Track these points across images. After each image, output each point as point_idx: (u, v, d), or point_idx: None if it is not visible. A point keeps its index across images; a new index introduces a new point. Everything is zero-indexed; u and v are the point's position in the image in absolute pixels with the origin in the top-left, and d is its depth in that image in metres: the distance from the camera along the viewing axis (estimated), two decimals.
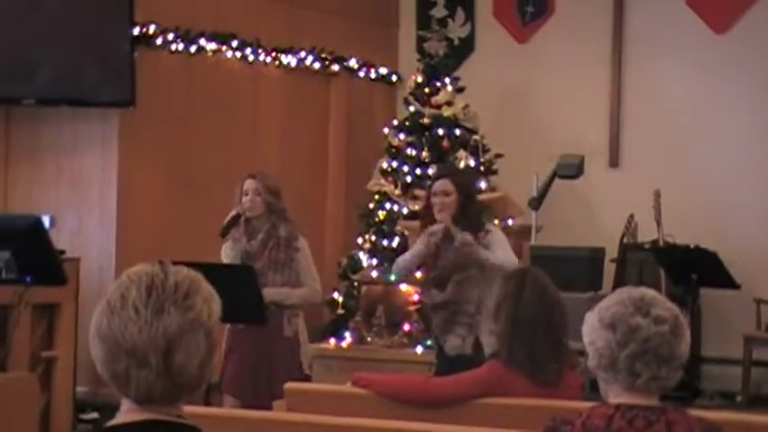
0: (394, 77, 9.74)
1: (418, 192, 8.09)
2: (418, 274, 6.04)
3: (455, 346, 5.05)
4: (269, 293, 5.29)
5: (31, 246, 5.37)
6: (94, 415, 6.79)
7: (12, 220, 6.03)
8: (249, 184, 5.47)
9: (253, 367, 5.32)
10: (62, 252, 6.22)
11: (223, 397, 5.39)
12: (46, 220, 6.77)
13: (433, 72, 8.86)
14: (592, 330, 2.56)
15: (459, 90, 8.86)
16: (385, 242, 8.49)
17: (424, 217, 5.28)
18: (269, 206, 5.45)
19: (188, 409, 2.09)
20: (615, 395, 2.56)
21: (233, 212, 5.43)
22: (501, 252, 5.12)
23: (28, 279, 5.38)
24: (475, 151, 8.39)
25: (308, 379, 5.31)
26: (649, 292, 2.60)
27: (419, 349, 5.75)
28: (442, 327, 5.13)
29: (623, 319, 2.52)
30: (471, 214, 5.20)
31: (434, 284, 5.15)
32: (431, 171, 8.50)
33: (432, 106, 8.72)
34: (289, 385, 4.05)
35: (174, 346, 1.96)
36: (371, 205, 8.70)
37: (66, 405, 6.45)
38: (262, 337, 5.28)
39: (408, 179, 8.54)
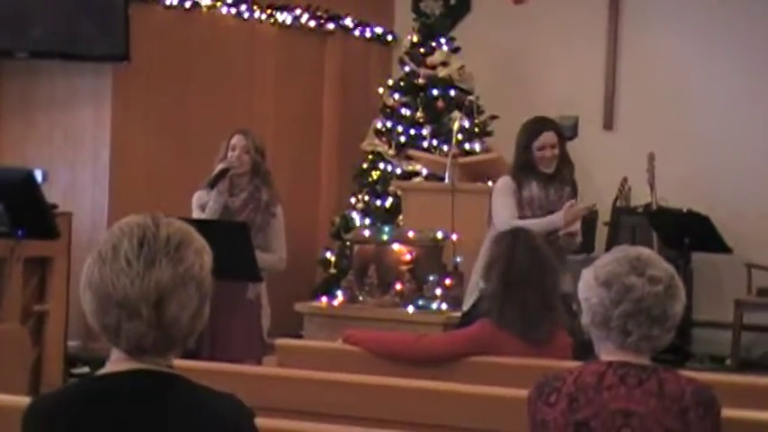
0: (389, 37, 9.69)
1: (412, 152, 8.07)
2: (411, 234, 6.04)
3: None
4: None
5: (23, 199, 5.35)
6: (85, 369, 6.79)
7: (4, 173, 5.99)
8: (238, 140, 5.42)
9: (210, 327, 5.22)
10: (54, 206, 6.19)
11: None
12: (38, 175, 6.75)
13: (429, 32, 8.81)
14: (587, 287, 2.56)
15: (455, 51, 8.81)
16: (378, 202, 8.48)
17: (520, 171, 5.19)
18: (255, 166, 5.41)
19: (179, 363, 2.08)
20: (607, 353, 2.56)
21: (221, 166, 5.39)
22: None
23: (20, 233, 5.36)
24: (470, 112, 8.36)
25: (264, 344, 5.27)
26: (646, 252, 2.60)
27: (411, 309, 5.74)
28: None
29: (618, 278, 2.52)
30: (569, 160, 5.25)
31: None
32: (425, 131, 8.48)
33: (427, 67, 8.68)
34: (280, 341, 4.05)
35: (165, 298, 1.95)
36: (365, 165, 8.68)
37: (57, 359, 6.44)
38: (222, 297, 5.18)
39: (402, 139, 8.52)
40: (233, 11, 8.21)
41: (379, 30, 9.55)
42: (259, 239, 5.32)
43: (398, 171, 8.43)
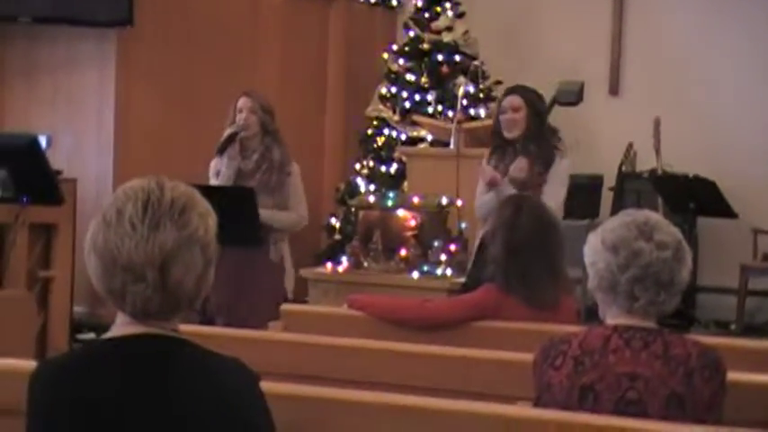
0: (394, 2, 9.63)
1: (417, 117, 8.04)
2: (416, 200, 6.03)
3: None
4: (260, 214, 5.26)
5: (27, 165, 5.35)
6: (91, 335, 6.81)
7: (8, 138, 5.99)
8: (243, 102, 5.41)
9: (235, 289, 5.26)
10: (59, 172, 6.19)
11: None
12: (43, 140, 6.73)
13: None
14: (594, 251, 2.55)
15: (460, 15, 8.77)
16: (383, 168, 8.47)
17: (494, 137, 5.16)
18: (263, 125, 5.40)
19: (184, 328, 2.08)
20: (613, 317, 2.56)
21: (229, 130, 5.38)
22: (549, 188, 4.95)
23: (24, 199, 5.36)
24: (474, 77, 8.32)
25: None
26: (653, 216, 2.58)
27: (415, 274, 5.74)
28: None
29: (626, 243, 2.50)
30: (544, 135, 5.02)
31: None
32: (430, 97, 8.45)
33: (432, 31, 8.64)
34: (285, 306, 4.05)
35: (170, 261, 1.95)
36: (370, 131, 8.65)
37: (62, 325, 6.45)
38: (246, 259, 5.23)
39: (407, 105, 8.49)
40: None
41: None
42: (276, 199, 5.33)
43: (403, 137, 8.40)
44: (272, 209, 5.33)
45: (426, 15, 8.71)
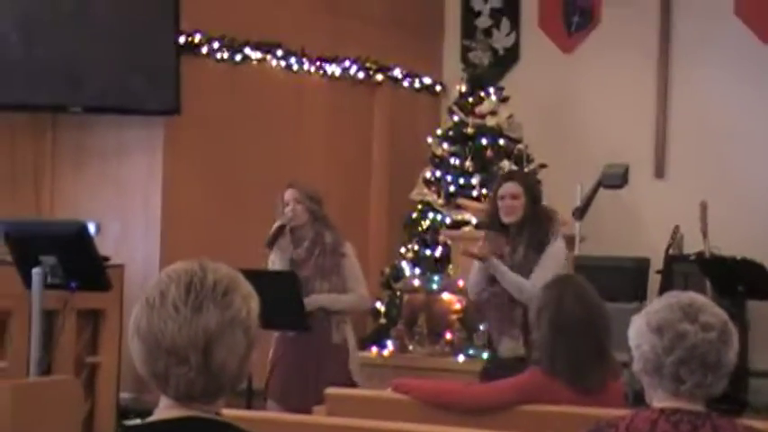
0: (438, 87, 9.73)
1: (461, 201, 8.06)
2: (461, 283, 6.02)
3: (510, 348, 4.95)
4: (316, 299, 5.28)
5: (76, 251, 5.40)
6: (137, 421, 6.79)
7: (58, 225, 6.06)
8: (289, 193, 5.46)
9: (300, 374, 5.28)
10: (107, 258, 6.24)
11: (267, 403, 5.37)
12: (91, 227, 6.81)
13: (478, 82, 8.83)
14: (638, 334, 2.52)
15: (504, 100, 8.83)
16: (428, 252, 8.47)
17: (490, 223, 5.20)
18: (312, 213, 5.44)
19: (229, 412, 2.08)
20: (659, 400, 2.52)
21: (278, 223, 5.43)
22: (538, 272, 4.97)
23: (73, 285, 5.40)
24: (519, 161, 8.35)
25: (356, 387, 5.28)
26: (699, 298, 2.56)
27: (461, 358, 5.71)
28: (496, 326, 5.02)
29: (671, 325, 2.48)
30: (539, 220, 5.08)
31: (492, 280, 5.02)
32: (474, 181, 8.47)
33: (475, 116, 8.70)
34: (329, 390, 4.03)
35: (213, 344, 1.95)
36: (414, 215, 8.68)
37: (109, 411, 6.47)
38: (309, 344, 5.25)
39: (452, 189, 8.52)
40: (282, 63, 8.30)
41: (427, 80, 9.60)
42: (333, 282, 5.34)
43: (448, 220, 8.42)
44: (330, 293, 5.34)
45: (470, 100, 8.77)
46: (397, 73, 9.29)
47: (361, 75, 8.96)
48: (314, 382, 5.20)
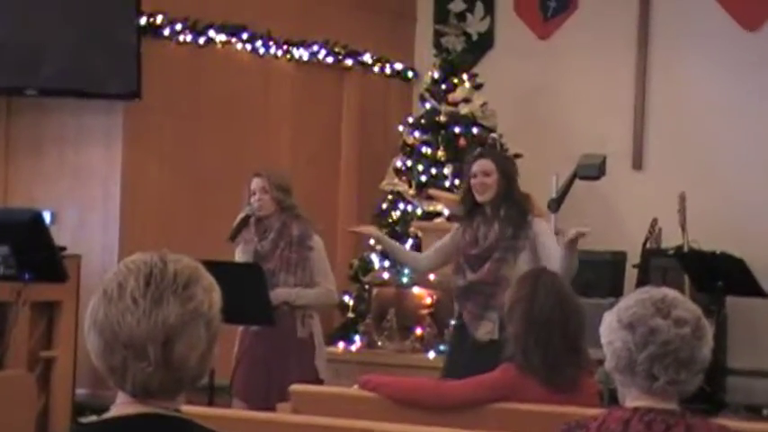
0: (410, 73, 9.74)
1: (433, 191, 8.08)
2: (432, 277, 6.04)
3: (488, 332, 4.97)
4: (280, 293, 5.29)
5: (30, 241, 5.39)
6: (93, 418, 6.79)
7: (11, 213, 6.05)
8: (256, 183, 5.46)
9: (264, 370, 5.29)
10: (63, 248, 6.24)
11: (233, 401, 5.37)
12: (47, 215, 6.80)
13: (451, 68, 8.85)
14: (610, 330, 2.55)
15: (478, 87, 8.85)
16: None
17: (465, 202, 5.24)
18: (279, 203, 5.44)
19: (190, 409, 2.09)
20: (633, 399, 2.55)
21: (242, 214, 5.42)
22: (551, 244, 5.05)
23: (27, 275, 5.39)
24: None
25: (322, 383, 5.29)
26: (671, 293, 2.59)
27: (431, 354, 5.74)
28: (476, 312, 5.04)
29: (643, 320, 2.51)
30: (514, 199, 5.13)
31: (473, 264, 5.06)
32: (446, 171, 8.49)
33: (448, 103, 8.71)
34: (294, 387, 4.05)
35: (173, 338, 1.96)
36: (385, 205, 8.69)
37: (64, 408, 6.46)
38: (273, 339, 5.25)
39: (423, 179, 8.53)
40: (248, 47, 8.28)
41: (399, 66, 9.60)
42: (299, 277, 5.35)
43: (419, 211, 8.44)
44: (295, 287, 5.35)
45: (443, 87, 8.79)
46: (367, 58, 9.29)
47: (329, 60, 8.96)
48: (278, 378, 5.21)
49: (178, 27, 7.72)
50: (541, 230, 5.10)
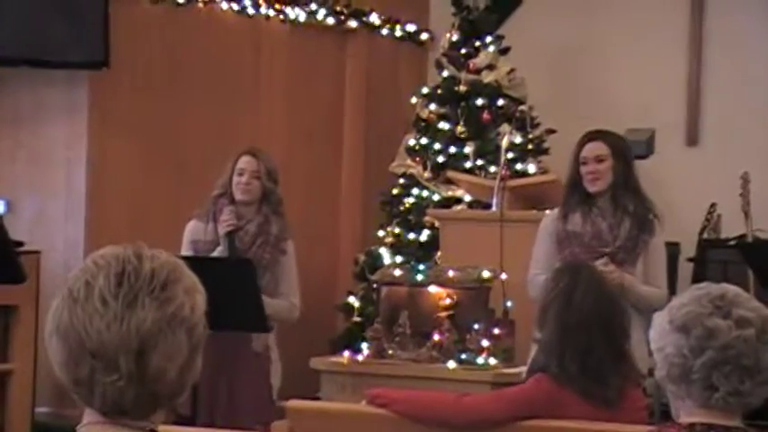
0: (424, 36, 9.74)
1: (452, 174, 8.08)
2: (451, 273, 6.05)
3: None
4: None
5: None
6: None
7: None
8: (248, 163, 5.47)
9: (209, 388, 5.25)
10: (20, 244, 6.26)
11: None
12: (0, 205, 6.82)
13: (472, 29, 8.85)
14: (661, 334, 2.55)
15: (504, 51, 8.85)
16: (411, 235, 8.49)
17: (572, 193, 5.22)
18: (266, 194, 5.47)
19: (168, 429, 2.10)
20: (688, 413, 2.55)
21: (216, 191, 5.46)
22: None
23: None
24: (522, 126, 8.37)
25: (274, 407, 5.29)
26: (731, 289, 2.59)
27: (451, 364, 5.74)
28: None
29: (699, 321, 2.51)
30: (632, 188, 5.14)
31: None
32: (467, 150, 8.50)
33: (470, 71, 8.71)
34: (291, 403, 4.06)
35: (148, 347, 1.96)
36: (395, 191, 8.70)
37: (22, 428, 6.48)
38: (224, 348, 5.21)
39: (440, 159, 8.54)
40: (235, 6, 8.29)
41: (411, 27, 9.61)
42: (266, 280, 5.36)
43: (436, 197, 8.44)
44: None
45: (463, 51, 8.79)
46: (375, 18, 9.30)
47: (330, 20, 8.96)
48: (226, 395, 5.23)
49: None
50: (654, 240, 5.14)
